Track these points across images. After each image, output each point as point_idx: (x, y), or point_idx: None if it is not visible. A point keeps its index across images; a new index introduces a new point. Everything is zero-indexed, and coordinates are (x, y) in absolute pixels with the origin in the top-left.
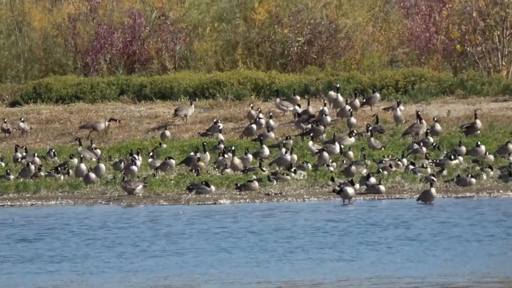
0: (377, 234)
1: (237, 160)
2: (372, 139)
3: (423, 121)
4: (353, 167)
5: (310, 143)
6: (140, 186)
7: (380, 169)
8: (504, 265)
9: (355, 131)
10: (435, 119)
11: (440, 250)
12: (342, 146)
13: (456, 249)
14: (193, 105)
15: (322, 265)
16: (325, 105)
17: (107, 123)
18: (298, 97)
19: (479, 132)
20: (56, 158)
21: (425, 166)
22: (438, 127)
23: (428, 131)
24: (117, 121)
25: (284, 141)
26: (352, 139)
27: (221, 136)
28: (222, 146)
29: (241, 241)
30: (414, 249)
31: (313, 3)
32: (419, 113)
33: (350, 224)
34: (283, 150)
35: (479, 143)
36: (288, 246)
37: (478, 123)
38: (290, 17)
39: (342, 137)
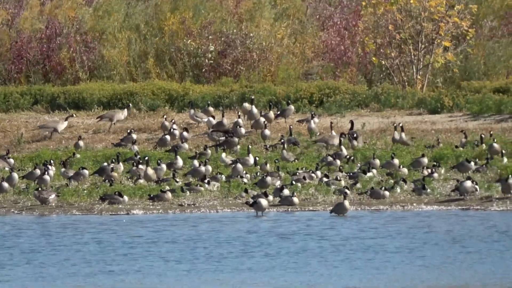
0: (283, 245)
1: (150, 171)
2: (285, 151)
3: (333, 132)
4: (267, 179)
5: (223, 154)
6: (53, 196)
7: (294, 181)
8: (404, 276)
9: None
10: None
11: (339, 261)
12: (257, 158)
13: (360, 259)
14: (125, 110)
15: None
16: (239, 116)
17: (65, 122)
18: (211, 109)
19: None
20: None
21: (338, 178)
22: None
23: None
24: (72, 115)
25: (201, 152)
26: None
27: (135, 147)
28: (138, 157)
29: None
30: (316, 260)
31: (226, 15)
32: (332, 124)
33: (258, 235)
34: (195, 162)
35: (393, 155)
36: (188, 257)
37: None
38: (201, 29)
39: (332, 135)
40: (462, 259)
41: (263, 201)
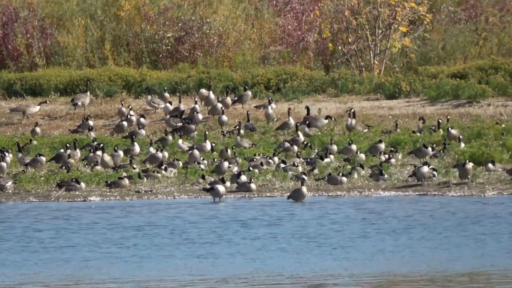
0: (240, 231)
1: (107, 157)
2: (238, 137)
3: (291, 118)
4: (224, 165)
5: (180, 141)
6: (10, 183)
7: (251, 167)
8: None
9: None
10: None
11: (294, 247)
12: (214, 144)
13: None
14: (88, 93)
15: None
16: (196, 102)
17: (37, 107)
18: (167, 95)
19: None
20: None
21: (296, 164)
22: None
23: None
24: (46, 101)
25: (161, 138)
26: (326, 121)
27: (92, 134)
28: (95, 143)
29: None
30: (270, 245)
31: (183, 1)
32: (290, 110)
33: (214, 221)
34: (152, 148)
35: (350, 142)
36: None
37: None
38: (158, 14)
39: (316, 117)
40: (417, 245)
41: (220, 187)
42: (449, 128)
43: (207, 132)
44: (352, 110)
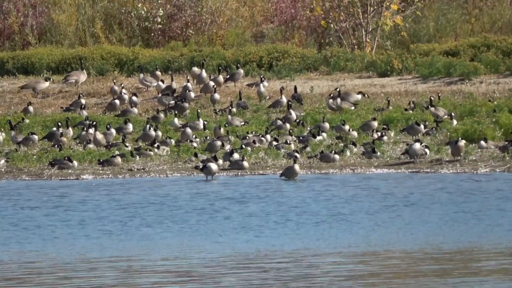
0: (233, 209)
1: (99, 135)
2: (229, 116)
3: (283, 97)
4: (216, 143)
5: (176, 119)
6: (2, 161)
7: (244, 145)
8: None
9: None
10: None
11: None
12: (206, 122)
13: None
14: (84, 71)
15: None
16: (188, 81)
17: (46, 83)
18: (159, 73)
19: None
20: None
21: (288, 142)
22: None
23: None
24: (51, 79)
25: (153, 116)
26: (359, 96)
27: (85, 112)
28: (87, 122)
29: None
30: (259, 222)
31: None
32: (282, 88)
33: (208, 198)
34: (147, 126)
35: (343, 122)
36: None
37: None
38: None
39: (348, 92)
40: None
41: (213, 165)
42: (430, 107)
43: (199, 111)
44: (338, 89)
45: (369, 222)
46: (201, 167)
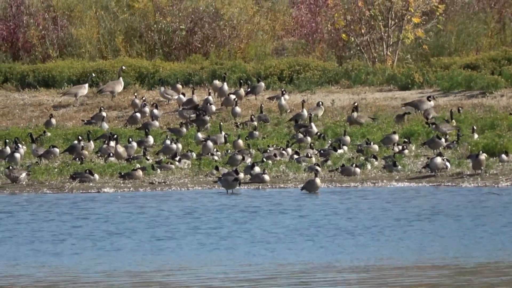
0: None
1: (120, 149)
2: (256, 131)
3: (305, 110)
4: (238, 156)
5: (199, 133)
6: (24, 174)
7: (265, 159)
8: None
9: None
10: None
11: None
12: (227, 135)
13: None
14: (121, 79)
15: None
16: (209, 94)
17: (86, 86)
18: (180, 86)
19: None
20: None
21: (309, 155)
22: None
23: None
24: (94, 74)
25: (175, 129)
26: (432, 103)
27: (106, 125)
28: (109, 135)
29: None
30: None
31: None
32: (304, 101)
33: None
34: (168, 140)
35: (367, 140)
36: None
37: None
38: (172, 6)
39: (422, 100)
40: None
41: (230, 178)
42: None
43: (221, 124)
44: (355, 104)
45: (395, 236)
46: (219, 180)
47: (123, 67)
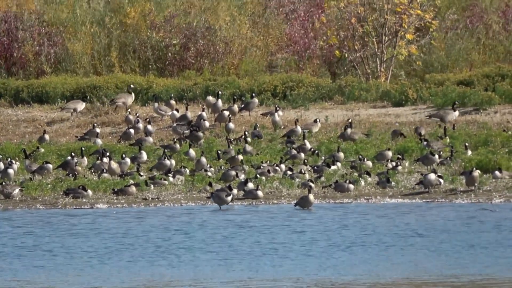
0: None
1: (114, 165)
2: (247, 145)
3: (298, 127)
4: (231, 172)
5: (191, 150)
6: (17, 190)
7: (258, 175)
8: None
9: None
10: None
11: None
12: (220, 152)
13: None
14: (132, 94)
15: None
16: (203, 110)
17: (83, 103)
18: (173, 102)
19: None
20: None
21: (303, 171)
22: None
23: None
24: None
25: (168, 145)
26: (457, 113)
27: (99, 141)
28: (102, 151)
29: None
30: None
31: (189, 8)
32: (297, 119)
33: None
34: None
35: (360, 156)
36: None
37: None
38: (164, 22)
39: (446, 111)
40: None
41: (222, 194)
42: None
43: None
44: (349, 121)
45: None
46: (211, 196)
47: (131, 85)
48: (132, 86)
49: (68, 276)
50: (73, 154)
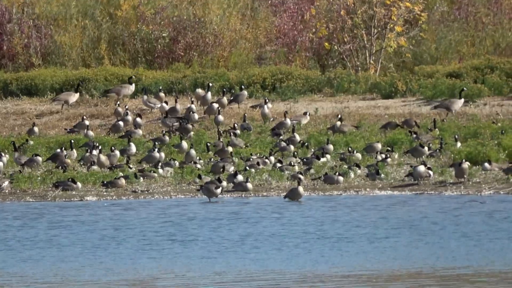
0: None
1: (103, 157)
2: (233, 137)
3: (287, 119)
4: (220, 165)
5: (184, 142)
6: (6, 183)
7: (247, 167)
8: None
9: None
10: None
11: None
12: (209, 144)
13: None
14: (133, 85)
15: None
16: (192, 102)
17: (76, 94)
18: (162, 94)
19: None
20: None
21: (292, 164)
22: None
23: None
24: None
25: (158, 138)
26: (462, 100)
27: (91, 133)
28: (92, 143)
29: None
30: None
31: (179, 1)
32: (286, 112)
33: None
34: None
35: (350, 148)
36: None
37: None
38: (154, 14)
39: (452, 100)
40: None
41: (212, 186)
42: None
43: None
44: (339, 116)
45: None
46: (201, 188)
47: (133, 76)
48: (133, 77)
49: (59, 270)
50: (62, 146)
